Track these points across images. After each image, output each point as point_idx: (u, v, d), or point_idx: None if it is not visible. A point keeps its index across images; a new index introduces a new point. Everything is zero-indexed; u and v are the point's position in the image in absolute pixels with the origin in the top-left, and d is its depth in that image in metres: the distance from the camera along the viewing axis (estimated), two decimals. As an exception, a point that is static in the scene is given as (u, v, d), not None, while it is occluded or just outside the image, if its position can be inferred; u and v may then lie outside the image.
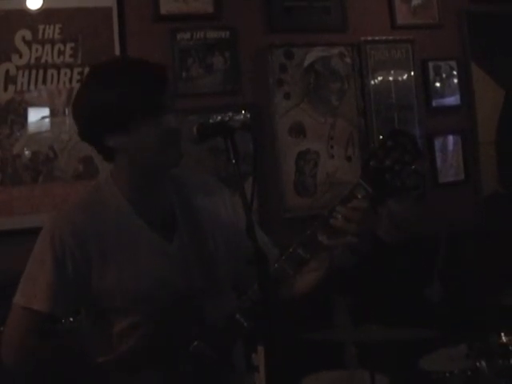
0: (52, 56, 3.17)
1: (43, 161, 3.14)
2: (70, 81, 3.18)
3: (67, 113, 3.17)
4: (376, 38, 3.73)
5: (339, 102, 3.64)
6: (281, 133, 3.51)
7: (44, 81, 3.16)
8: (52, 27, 3.17)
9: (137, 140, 1.64)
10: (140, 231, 1.70)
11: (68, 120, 3.17)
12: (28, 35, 3.14)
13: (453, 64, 3.91)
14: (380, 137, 1.67)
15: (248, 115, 3.44)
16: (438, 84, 3.87)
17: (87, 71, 1.77)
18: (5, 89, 3.10)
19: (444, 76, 3.89)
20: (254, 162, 1.60)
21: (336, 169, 3.61)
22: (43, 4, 3.15)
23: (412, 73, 3.80)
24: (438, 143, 3.85)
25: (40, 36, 3.15)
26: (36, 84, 3.14)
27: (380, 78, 3.73)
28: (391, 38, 3.77)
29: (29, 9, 3.14)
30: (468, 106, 3.93)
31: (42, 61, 3.16)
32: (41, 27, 3.15)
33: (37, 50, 3.15)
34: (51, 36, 3.17)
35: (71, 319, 2.06)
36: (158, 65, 1.70)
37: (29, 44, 3.14)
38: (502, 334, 2.43)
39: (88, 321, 1.76)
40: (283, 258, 1.67)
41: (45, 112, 3.16)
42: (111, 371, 1.63)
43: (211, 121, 3.25)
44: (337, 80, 3.64)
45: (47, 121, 3.17)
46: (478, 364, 2.37)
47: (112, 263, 1.66)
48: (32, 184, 3.11)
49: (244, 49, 3.49)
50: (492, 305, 2.76)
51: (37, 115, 3.15)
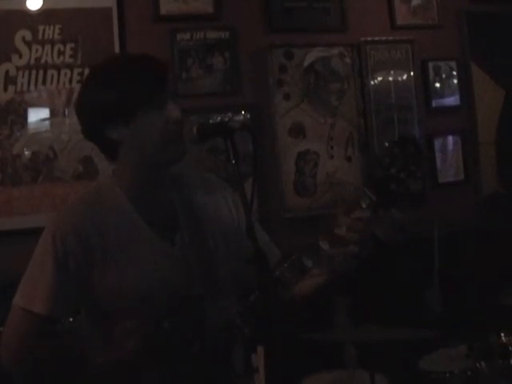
0: (52, 56, 3.17)
1: (43, 161, 3.14)
2: (70, 81, 3.19)
3: (67, 113, 3.18)
4: (376, 39, 3.73)
5: (339, 103, 3.64)
6: (281, 133, 3.51)
7: (44, 81, 3.16)
8: (52, 28, 3.17)
9: (140, 130, 1.64)
10: (141, 232, 1.70)
11: (68, 120, 3.17)
12: (28, 35, 3.14)
13: (453, 64, 3.91)
14: (386, 144, 1.66)
15: (248, 115, 3.44)
16: (438, 84, 3.87)
17: (88, 71, 1.79)
18: (5, 89, 3.10)
19: (444, 76, 3.89)
20: (254, 163, 1.60)
21: (336, 169, 3.61)
22: (43, 4, 3.16)
23: (412, 73, 3.80)
24: (438, 143, 3.85)
25: (40, 36, 3.15)
26: (36, 84, 3.14)
27: (380, 79, 3.73)
28: (391, 39, 3.77)
29: (29, 9, 3.14)
30: (468, 106, 3.93)
31: (42, 61, 3.16)
32: (41, 28, 3.15)
33: (37, 51, 3.15)
34: (51, 36, 3.17)
35: (71, 319, 2.06)
36: (157, 59, 1.71)
37: (29, 44, 3.14)
38: (502, 334, 2.43)
39: (88, 321, 1.76)
40: (285, 266, 1.67)
41: (45, 112, 3.16)
42: (111, 372, 1.63)
43: (211, 121, 3.25)
44: (337, 80, 3.64)
45: (47, 121, 3.17)
46: (478, 364, 2.37)
47: (113, 263, 1.66)
48: (32, 184, 3.11)
49: (244, 49, 3.49)
50: (492, 305, 2.76)
51: (37, 115, 3.15)
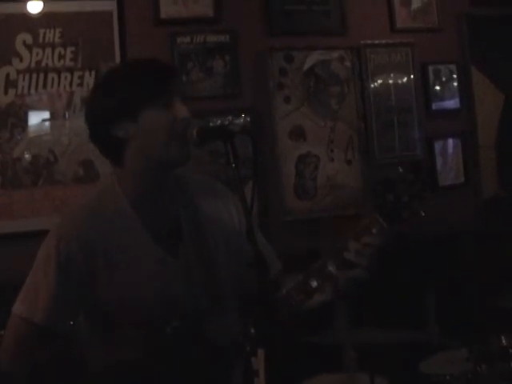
0: (52, 60, 3.17)
1: (43, 164, 3.14)
2: (71, 84, 3.19)
3: (67, 116, 3.18)
4: (376, 42, 3.73)
5: (339, 106, 3.64)
6: (281, 136, 3.52)
7: (44, 84, 3.16)
8: (52, 31, 3.17)
9: (146, 129, 1.64)
10: (142, 241, 1.69)
11: (68, 123, 3.18)
12: (28, 39, 3.15)
13: (452, 67, 3.91)
14: (399, 169, 1.65)
15: (248, 119, 3.45)
16: (438, 87, 3.88)
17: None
18: (5, 92, 3.11)
19: (444, 79, 3.89)
20: (254, 166, 1.60)
21: (336, 172, 3.61)
22: (44, 8, 3.16)
23: (412, 76, 3.80)
24: (438, 146, 3.85)
25: (40, 40, 3.16)
26: (36, 88, 3.15)
27: (380, 82, 3.74)
28: (391, 42, 3.77)
29: (29, 13, 3.14)
30: (468, 110, 3.93)
31: (43, 64, 3.16)
32: (41, 31, 3.16)
33: (37, 54, 3.15)
34: (52, 40, 3.17)
35: (71, 323, 2.05)
36: (163, 62, 1.72)
37: (29, 48, 3.14)
38: (502, 337, 2.43)
39: (87, 326, 1.75)
40: (292, 286, 1.66)
41: (45, 115, 3.17)
42: (110, 376, 1.62)
43: (211, 124, 3.25)
44: (337, 83, 3.64)
45: (47, 124, 3.17)
46: (478, 367, 2.37)
47: (114, 272, 1.65)
48: (32, 187, 3.11)
49: (244, 52, 3.49)
50: (492, 307, 2.76)
51: (37, 119, 3.15)
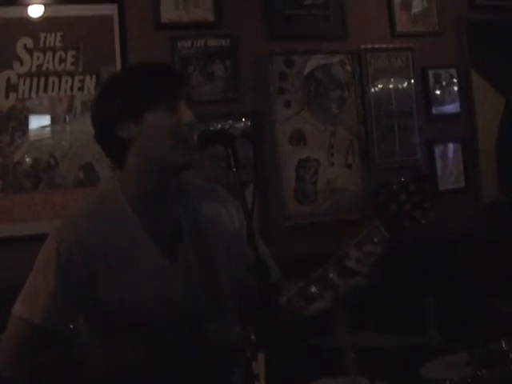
0: (53, 64, 3.18)
1: (44, 168, 3.14)
2: (71, 88, 3.19)
3: (68, 120, 3.19)
4: (376, 46, 3.74)
5: (339, 110, 3.64)
6: (281, 140, 3.52)
7: (45, 88, 3.16)
8: (53, 35, 3.18)
9: (149, 130, 1.65)
10: (143, 245, 1.69)
11: (69, 127, 3.18)
12: (29, 43, 3.15)
13: (453, 72, 3.91)
14: (402, 179, 1.65)
15: (248, 123, 3.45)
16: (438, 92, 3.88)
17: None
18: (6, 96, 3.11)
19: (444, 84, 3.90)
20: (255, 170, 1.60)
21: (336, 176, 3.61)
22: (44, 12, 3.17)
23: (412, 80, 3.81)
24: (439, 150, 3.85)
25: (41, 44, 3.16)
26: (37, 91, 3.15)
27: (380, 86, 3.74)
28: (391, 46, 3.78)
29: (30, 17, 3.15)
30: (468, 114, 3.93)
31: (44, 68, 3.17)
32: (42, 35, 3.16)
33: (38, 58, 3.16)
34: (52, 44, 3.18)
35: (71, 326, 2.05)
36: (166, 67, 1.75)
37: (30, 52, 3.15)
38: (503, 342, 2.43)
39: (86, 327, 1.75)
40: (293, 293, 1.67)
41: (46, 119, 3.17)
42: (110, 378, 1.62)
43: (212, 128, 3.25)
44: (337, 88, 3.64)
45: (48, 128, 3.17)
46: (479, 371, 2.37)
47: (114, 275, 1.65)
48: (33, 191, 3.12)
49: (244, 57, 3.50)
50: (492, 312, 2.76)
51: (38, 123, 3.16)
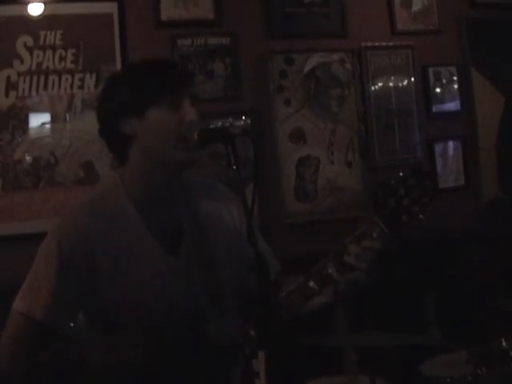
0: (53, 62, 3.18)
1: (44, 166, 3.14)
2: (71, 87, 3.19)
3: (68, 119, 3.19)
4: (376, 44, 3.73)
5: (339, 108, 3.64)
6: (281, 138, 3.52)
7: (45, 87, 3.16)
8: (53, 33, 3.17)
9: (152, 127, 1.65)
10: (144, 242, 1.69)
11: (69, 126, 3.18)
12: (29, 41, 3.15)
13: (453, 70, 3.91)
14: (400, 173, 1.65)
15: (248, 121, 3.45)
16: (438, 90, 3.88)
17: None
18: (6, 94, 3.11)
19: (444, 82, 3.89)
20: (255, 168, 1.60)
21: (336, 174, 3.61)
22: (44, 10, 3.16)
23: (412, 79, 3.80)
24: (439, 149, 3.85)
25: (41, 42, 3.16)
26: (37, 90, 3.15)
27: (380, 84, 3.74)
28: (391, 44, 3.77)
29: (30, 15, 3.15)
30: (468, 112, 3.93)
31: (44, 67, 3.16)
32: (42, 33, 3.16)
33: (38, 56, 3.16)
34: (52, 42, 3.18)
35: (71, 324, 2.05)
36: (172, 64, 1.76)
37: (30, 50, 3.15)
38: (503, 340, 2.43)
39: (87, 325, 1.75)
40: (292, 289, 1.67)
41: (46, 118, 3.17)
42: (110, 376, 1.62)
43: (212, 127, 3.25)
44: (337, 86, 3.64)
45: (48, 126, 3.17)
46: (479, 370, 2.37)
47: (114, 272, 1.65)
48: (33, 189, 3.12)
49: (244, 55, 3.50)
50: (492, 310, 2.76)
51: (38, 121, 3.16)
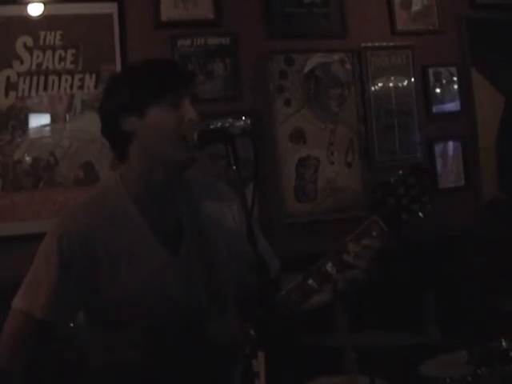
0: (53, 62, 3.18)
1: (44, 167, 3.14)
2: (71, 87, 3.19)
3: (68, 119, 3.19)
4: (376, 44, 3.73)
5: (339, 108, 3.64)
6: (281, 139, 3.52)
7: (45, 87, 3.16)
8: (53, 33, 3.17)
9: (152, 125, 1.65)
10: (145, 241, 1.69)
11: (69, 126, 3.18)
12: (29, 41, 3.15)
13: (453, 70, 3.91)
14: (399, 172, 1.65)
15: (248, 121, 3.45)
16: (438, 90, 3.88)
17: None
18: (6, 95, 3.11)
19: (444, 82, 3.89)
20: (255, 168, 1.60)
21: (336, 175, 3.61)
22: (44, 10, 3.16)
23: (412, 79, 3.80)
24: (439, 149, 3.85)
25: (41, 42, 3.16)
26: (37, 90, 3.15)
27: (380, 84, 3.74)
28: (391, 44, 3.77)
29: (30, 15, 3.15)
30: (468, 112, 3.93)
31: (43, 67, 3.16)
32: (42, 33, 3.16)
33: (38, 57, 3.16)
34: (52, 42, 3.18)
35: (71, 324, 2.06)
36: (173, 64, 1.75)
37: (30, 50, 3.15)
38: (503, 340, 2.43)
39: (87, 324, 1.75)
40: (291, 287, 1.67)
41: (46, 118, 3.17)
42: (110, 376, 1.62)
43: (212, 127, 3.25)
44: (337, 86, 3.64)
45: (48, 127, 3.17)
46: (479, 370, 2.36)
47: (115, 271, 1.65)
48: (33, 190, 3.11)
49: (244, 55, 3.50)
50: (492, 310, 2.76)
51: (38, 121, 3.16)
